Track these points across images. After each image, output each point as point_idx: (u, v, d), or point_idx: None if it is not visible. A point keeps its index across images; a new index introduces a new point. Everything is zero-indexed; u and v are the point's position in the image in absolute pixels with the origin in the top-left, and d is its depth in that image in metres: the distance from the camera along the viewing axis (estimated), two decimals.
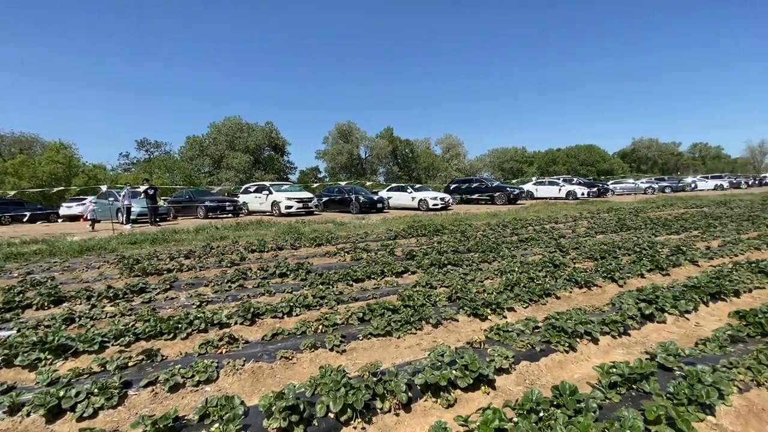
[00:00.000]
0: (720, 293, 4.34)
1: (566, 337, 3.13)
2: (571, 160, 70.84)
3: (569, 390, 2.12)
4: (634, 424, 1.90)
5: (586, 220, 12.09)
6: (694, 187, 36.43)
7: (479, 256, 6.55)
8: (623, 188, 33.59)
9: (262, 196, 17.69)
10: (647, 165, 75.45)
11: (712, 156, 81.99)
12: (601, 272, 5.18)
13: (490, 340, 3.23)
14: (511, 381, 2.70)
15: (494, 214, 14.98)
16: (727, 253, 6.48)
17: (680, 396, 2.20)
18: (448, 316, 3.83)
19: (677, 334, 3.53)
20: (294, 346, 3.27)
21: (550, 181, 27.42)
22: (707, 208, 15.34)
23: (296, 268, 5.71)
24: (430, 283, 4.92)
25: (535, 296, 4.35)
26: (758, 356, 2.73)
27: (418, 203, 18.91)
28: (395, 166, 59.05)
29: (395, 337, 3.46)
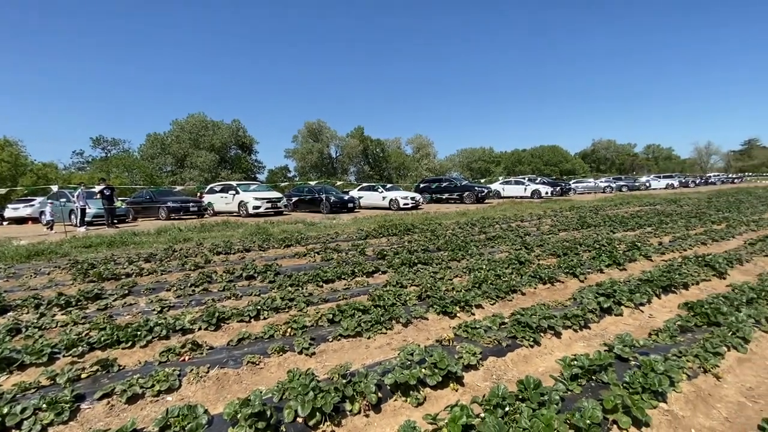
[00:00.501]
0: (671, 286, 4.62)
1: (531, 332, 3.24)
2: (536, 160, 73.43)
3: (533, 384, 2.19)
4: (593, 413, 1.98)
5: (549, 218, 12.55)
6: (648, 186, 38.68)
7: (449, 255, 6.65)
8: (584, 187, 35.18)
9: (228, 196, 17.16)
10: (606, 165, 79.35)
11: (664, 157, 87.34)
12: (564, 268, 5.39)
13: (459, 337, 3.29)
14: (479, 377, 2.76)
15: (463, 212, 15.27)
16: (677, 248, 6.92)
17: (635, 385, 2.32)
18: (418, 314, 3.86)
19: (633, 326, 3.73)
20: (261, 350, 3.19)
21: (516, 181, 28.30)
22: (659, 206, 16.32)
23: (264, 270, 5.58)
24: (400, 283, 4.94)
25: (501, 293, 4.47)
26: (704, 344, 2.93)
27: (389, 203, 18.97)
28: (366, 166, 59.03)
29: (365, 337, 3.45)
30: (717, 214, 11.80)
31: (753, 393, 2.58)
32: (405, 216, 14.47)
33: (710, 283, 5.00)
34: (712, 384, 2.63)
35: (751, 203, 15.52)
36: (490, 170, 70.84)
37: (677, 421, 2.22)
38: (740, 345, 3.05)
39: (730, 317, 3.40)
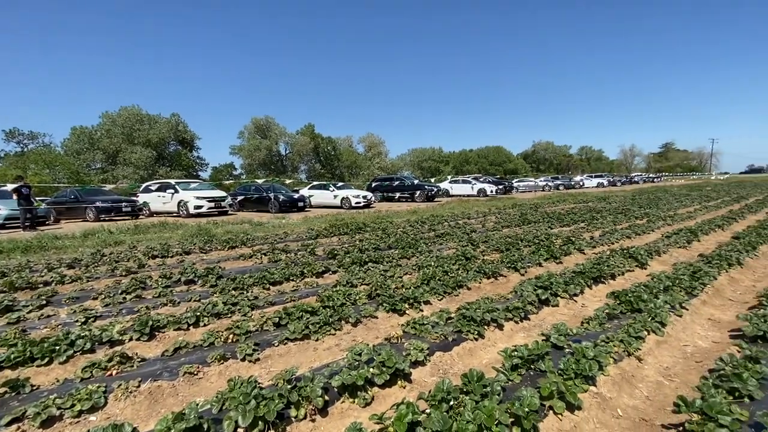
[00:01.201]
0: (600, 277, 5.01)
1: (475, 326, 3.34)
2: (482, 160, 76.62)
3: (476, 377, 2.25)
4: (531, 401, 2.08)
5: (494, 216, 13.13)
6: (581, 185, 41.87)
7: (399, 253, 6.72)
8: (525, 186, 37.25)
9: (166, 195, 16.03)
10: (545, 165, 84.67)
11: (596, 158, 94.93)
12: (506, 263, 5.65)
13: (408, 334, 3.31)
14: (426, 372, 2.80)
15: (414, 211, 15.53)
16: (606, 242, 7.53)
17: (569, 371, 2.47)
18: (368, 313, 3.84)
19: (568, 315, 3.99)
20: (200, 359, 3.00)
21: (463, 180, 29.33)
22: (591, 203, 17.70)
23: (205, 273, 5.27)
24: (350, 282, 4.90)
25: (449, 288, 4.58)
26: (628, 330, 3.19)
27: (341, 201, 18.81)
28: (317, 164, 58.07)
29: (314, 339, 3.37)
30: (639, 211, 13.03)
31: (669, 372, 2.86)
32: (357, 215, 14.42)
33: (634, 273, 5.48)
34: (635, 366, 2.88)
35: (668, 200, 17.33)
36: (440, 169, 72.73)
37: (605, 402, 2.40)
38: (658, 329, 3.37)
39: (649, 304, 3.75)
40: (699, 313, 3.97)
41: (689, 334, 3.49)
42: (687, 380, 2.68)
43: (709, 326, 3.71)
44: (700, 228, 8.54)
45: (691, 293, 4.32)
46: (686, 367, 2.90)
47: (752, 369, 2.39)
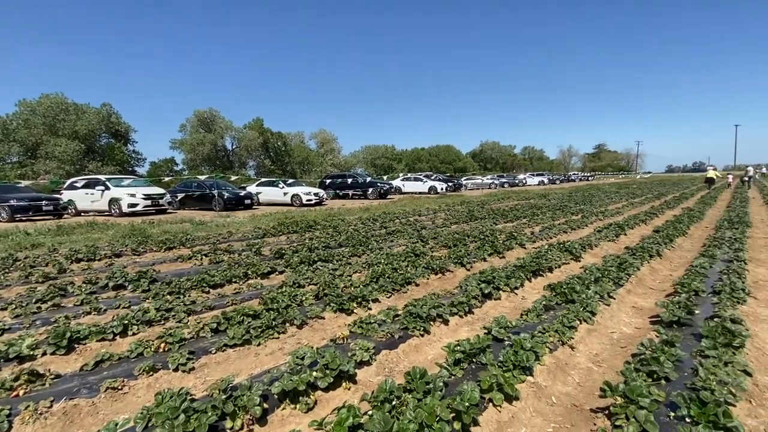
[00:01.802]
0: (539, 270, 5.28)
1: (421, 322, 3.37)
2: (434, 158, 78.44)
3: (419, 374, 2.25)
4: (472, 395, 2.11)
5: (443, 213, 13.46)
6: (524, 183, 44.26)
7: (350, 251, 6.65)
8: (474, 184, 38.68)
9: (95, 193, 14.64)
10: (492, 164, 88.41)
11: (537, 157, 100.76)
12: (453, 259, 5.79)
13: (354, 334, 3.26)
14: (371, 372, 2.77)
15: (366, 208, 15.51)
16: (545, 237, 7.98)
17: (508, 363, 2.56)
18: (314, 314, 3.74)
19: (509, 308, 4.16)
20: (126, 372, 2.74)
21: (415, 178, 29.84)
22: (533, 200, 18.75)
23: (137, 277, 4.86)
24: (298, 282, 4.75)
25: (397, 285, 4.59)
26: (562, 320, 3.37)
27: (291, 198, 18.34)
28: (267, 160, 56.22)
29: (255, 344, 3.21)
30: (575, 207, 13.99)
31: (598, 358, 3.06)
32: (308, 212, 14.12)
33: (569, 266, 5.85)
34: (568, 354, 3.05)
35: (600, 197, 18.79)
36: (393, 167, 73.42)
37: (541, 391, 2.51)
38: (589, 318, 3.60)
39: (582, 294, 4.00)
40: (624, 302, 4.31)
41: (616, 321, 3.77)
42: (613, 365, 2.88)
43: (633, 313, 4.03)
44: (626, 223, 9.33)
45: (618, 283, 4.68)
46: (613, 353, 3.12)
47: (668, 352, 2.62)
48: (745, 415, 2.17)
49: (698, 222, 10.16)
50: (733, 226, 8.57)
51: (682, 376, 2.44)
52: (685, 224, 9.13)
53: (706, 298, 3.95)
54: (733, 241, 6.71)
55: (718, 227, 8.66)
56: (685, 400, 2.05)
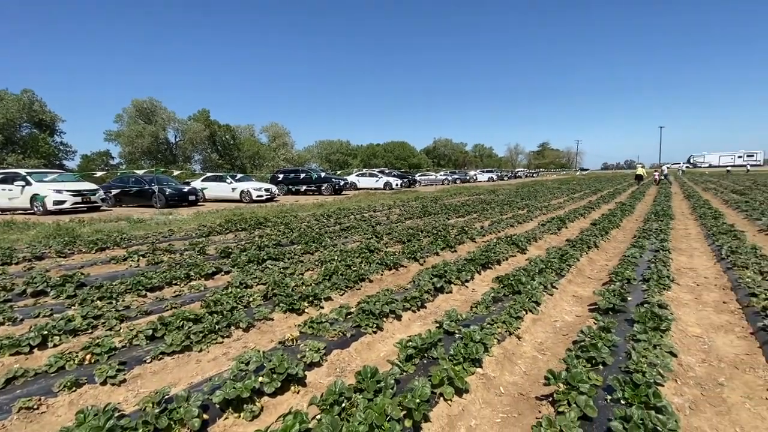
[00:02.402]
0: (488, 263, 5.44)
1: (374, 319, 3.32)
2: (389, 154, 78.91)
3: (370, 373, 2.20)
4: (423, 391, 2.10)
5: (398, 208, 13.55)
6: (475, 179, 45.80)
7: (302, 248, 6.46)
8: (427, 180, 39.43)
9: (14, 189, 13.06)
10: (445, 161, 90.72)
11: (487, 155, 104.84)
12: (407, 254, 5.81)
13: (304, 334, 3.14)
14: (322, 373, 2.67)
15: (320, 204, 15.23)
16: (494, 231, 8.27)
17: (458, 356, 2.58)
18: (262, 316, 3.56)
19: (460, 301, 4.23)
20: (44, 389, 2.44)
21: (370, 173, 29.82)
22: (483, 195, 19.43)
23: (61, 282, 4.38)
24: (245, 283, 4.52)
25: (351, 282, 4.52)
26: (509, 311, 3.48)
27: (240, 195, 17.57)
28: (215, 154, 53.52)
29: (196, 351, 2.99)
30: (521, 202, 14.67)
31: (543, 347, 3.19)
32: (258, 209, 13.60)
33: (516, 258, 6.09)
34: (515, 344, 3.15)
35: (544, 193, 19.88)
36: (348, 162, 72.97)
37: (490, 382, 2.56)
38: (534, 308, 3.75)
39: (527, 285, 4.16)
40: (566, 291, 4.55)
41: (558, 310, 3.96)
42: (556, 353, 3.01)
43: (574, 302, 4.26)
44: (567, 217, 9.92)
45: (560, 274, 4.94)
46: (556, 341, 3.27)
47: (605, 338, 2.77)
48: (672, 394, 2.34)
49: (630, 215, 11.04)
50: (658, 218, 9.41)
51: (618, 360, 2.59)
52: (619, 217, 9.88)
53: (637, 285, 4.27)
54: (659, 233, 7.35)
55: (646, 220, 9.46)
56: (620, 383, 2.17)
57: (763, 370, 2.62)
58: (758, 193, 16.63)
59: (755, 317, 3.37)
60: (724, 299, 4.09)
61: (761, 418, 2.14)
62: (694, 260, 5.81)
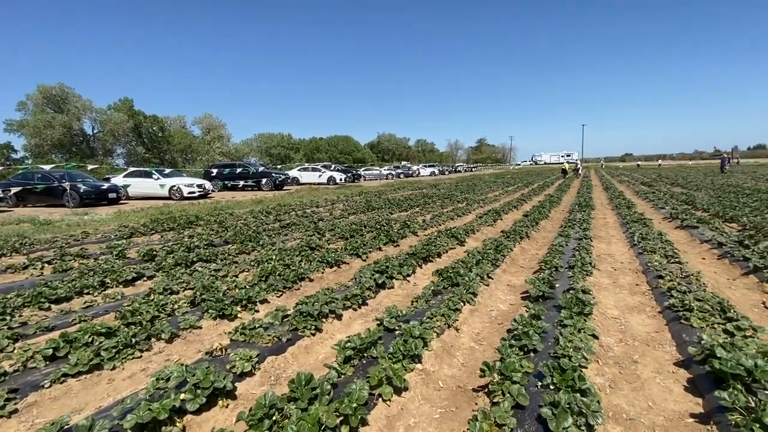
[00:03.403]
0: (429, 256, 5.51)
1: (313, 321, 3.19)
2: (332, 148, 77.95)
3: (304, 380, 2.08)
4: (360, 394, 2.02)
5: (342, 203, 13.38)
6: (418, 173, 46.76)
7: (237, 248, 6.09)
8: (371, 174, 39.49)
9: None
10: (389, 155, 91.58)
11: (429, 150, 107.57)
12: (349, 250, 5.71)
13: (236, 342, 2.92)
14: (255, 383, 2.49)
15: (259, 200, 14.58)
16: (435, 224, 8.44)
17: (398, 354, 2.54)
18: (189, 324, 3.27)
19: (402, 296, 4.23)
20: None
21: (313, 168, 29.15)
22: (425, 189, 19.86)
23: None
24: (170, 288, 4.12)
25: (289, 283, 4.32)
26: (448, 303, 3.53)
27: (170, 191, 16.24)
28: (140, 147, 49.08)
29: (109, 369, 2.65)
30: (461, 195, 15.20)
31: (480, 337, 3.27)
32: (189, 206, 12.67)
33: (455, 250, 6.25)
34: (454, 336, 3.19)
35: (481, 187, 20.80)
36: (290, 156, 70.85)
37: (429, 377, 2.56)
38: (471, 299, 3.85)
39: (465, 277, 4.27)
40: (501, 281, 4.75)
41: (494, 300, 4.11)
42: (492, 342, 3.10)
43: (508, 291, 4.45)
44: (502, 209, 10.43)
45: (495, 264, 5.14)
46: (492, 330, 3.37)
47: (535, 326, 2.90)
48: (594, 375, 2.50)
49: (557, 206, 11.89)
50: (582, 209, 10.23)
51: (547, 346, 2.72)
52: (547, 209, 10.59)
53: (563, 272, 4.56)
54: (582, 222, 7.98)
55: (571, 210, 10.24)
56: (549, 369, 2.27)
57: (669, 346, 2.91)
58: (662, 184, 18.82)
59: (662, 297, 3.74)
60: (637, 282, 4.51)
61: (669, 390, 2.35)
62: (611, 247, 6.37)
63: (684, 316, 3.15)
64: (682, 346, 2.81)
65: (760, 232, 6.30)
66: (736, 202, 10.34)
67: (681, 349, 2.80)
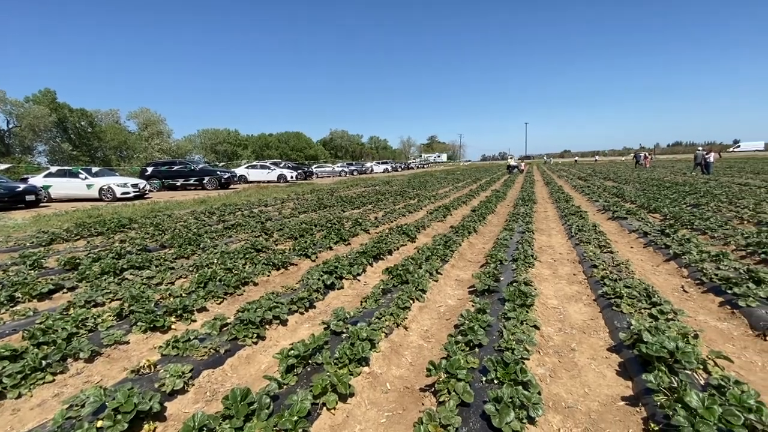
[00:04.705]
0: (380, 254, 5.47)
1: (255, 328, 3.01)
2: (283, 145, 75.83)
3: (240, 395, 1.93)
4: (302, 406, 1.91)
5: (292, 202, 13.00)
6: (371, 170, 46.79)
7: (175, 252, 5.67)
8: (324, 172, 38.93)
9: None
10: (342, 152, 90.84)
11: (382, 147, 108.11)
12: (298, 251, 5.51)
13: (167, 357, 2.68)
14: (188, 401, 2.29)
15: (203, 200, 13.78)
16: (387, 221, 8.43)
17: (344, 358, 2.45)
18: (114, 339, 2.95)
19: (351, 296, 4.14)
20: None
21: (262, 165, 28.11)
22: (378, 186, 19.87)
23: None
24: (93, 300, 3.73)
25: (231, 288, 4.07)
26: (397, 302, 3.50)
27: (100, 192, 14.87)
28: (66, 143, 44.57)
29: (13, 397, 2.32)
30: (413, 192, 15.38)
31: (428, 334, 3.27)
32: (123, 208, 11.67)
33: (406, 247, 6.26)
34: (403, 335, 3.16)
35: (432, 183, 21.19)
36: (238, 153, 67.92)
37: (376, 379, 2.50)
38: (420, 296, 3.85)
39: (415, 274, 4.27)
40: (449, 276, 4.81)
41: (443, 295, 4.15)
42: (440, 339, 3.11)
43: (456, 285, 4.52)
44: (452, 204, 10.67)
45: (444, 259, 5.21)
46: (440, 327, 3.38)
47: (481, 320, 2.94)
48: (536, 366, 2.58)
49: (503, 201, 12.39)
50: (525, 203, 10.73)
51: (492, 339, 2.76)
52: (494, 203, 10.99)
53: (508, 265, 4.72)
54: (525, 216, 8.35)
55: (515, 205, 10.70)
56: (493, 363, 2.29)
57: (603, 332, 3.08)
58: (596, 179, 20.30)
59: (597, 285, 3.98)
60: (574, 272, 4.77)
61: (602, 375, 2.48)
62: (552, 239, 6.72)
63: (615, 303, 3.36)
64: (614, 332, 2.98)
65: (678, 222, 6.95)
66: (658, 194, 11.37)
67: (613, 334, 2.97)
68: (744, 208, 7.94)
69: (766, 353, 2.68)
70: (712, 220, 6.75)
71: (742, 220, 6.99)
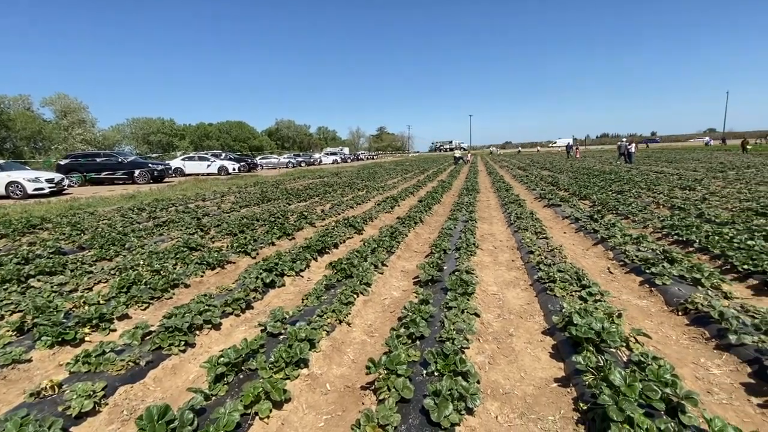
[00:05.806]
0: (325, 248, 5.32)
1: (182, 335, 2.76)
2: (225, 135, 71.94)
3: (158, 413, 1.73)
4: (230, 419, 1.76)
5: (233, 195, 12.34)
6: (320, 161, 45.86)
7: (95, 254, 5.11)
8: (270, 163, 37.53)
9: None
10: (289, 143, 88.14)
11: (331, 137, 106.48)
12: (236, 248, 5.20)
13: (76, 374, 2.37)
14: (100, 423, 2.03)
15: (132, 195, 12.64)
16: (334, 213, 8.26)
17: (280, 362, 2.31)
18: (12, 358, 2.56)
19: (294, 293, 3.97)
20: None
21: (200, 157, 26.47)
22: (326, 178, 19.51)
23: None
24: None
25: (158, 292, 3.72)
26: (340, 297, 3.40)
27: (7, 188, 13.11)
28: None
29: None
30: (362, 183, 15.26)
31: (372, 329, 3.21)
32: (35, 207, 10.37)
33: (353, 240, 6.16)
34: (346, 332, 3.07)
35: (381, 174, 21.21)
36: (174, 144, 63.34)
37: (316, 381, 2.39)
38: (365, 290, 3.78)
39: (359, 267, 4.19)
40: (395, 267, 4.80)
41: (388, 287, 4.11)
42: (384, 333, 3.06)
43: (402, 277, 4.51)
44: (400, 195, 10.72)
45: (390, 251, 5.19)
46: (384, 320, 3.34)
47: (423, 311, 2.93)
48: (475, 354, 2.61)
49: (448, 191, 12.68)
50: (469, 193, 11.05)
51: (434, 330, 2.76)
52: (440, 194, 11.21)
53: (451, 254, 4.79)
54: (468, 205, 8.59)
55: (460, 194, 11.00)
56: (434, 355, 2.28)
57: (538, 316, 3.21)
58: (534, 168, 21.48)
59: (533, 271, 4.15)
60: (513, 258, 4.96)
61: (537, 359, 2.57)
62: (493, 227, 6.96)
63: (549, 288, 3.52)
64: (548, 316, 3.12)
65: (605, 208, 7.52)
66: (588, 182, 12.26)
67: (547, 318, 3.11)
68: (660, 194, 8.79)
69: (679, 327, 2.94)
70: (634, 205, 7.38)
71: (658, 205, 7.73)
